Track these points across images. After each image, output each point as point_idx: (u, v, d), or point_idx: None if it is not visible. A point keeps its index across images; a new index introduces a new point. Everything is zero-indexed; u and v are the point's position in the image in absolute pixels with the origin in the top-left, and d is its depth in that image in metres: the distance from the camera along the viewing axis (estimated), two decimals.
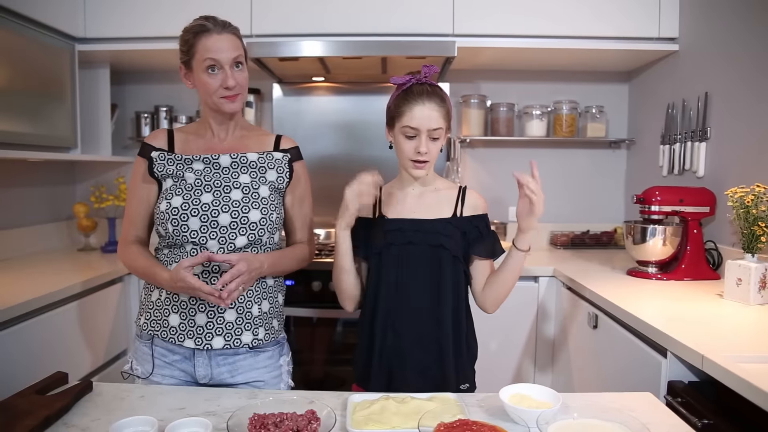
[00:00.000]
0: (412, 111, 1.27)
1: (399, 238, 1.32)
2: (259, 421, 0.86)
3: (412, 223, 1.33)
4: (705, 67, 2.17)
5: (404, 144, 1.30)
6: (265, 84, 2.84)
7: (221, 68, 1.30)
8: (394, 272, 1.32)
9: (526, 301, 2.28)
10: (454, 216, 1.35)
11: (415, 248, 1.31)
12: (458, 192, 1.39)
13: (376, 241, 1.33)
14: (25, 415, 0.97)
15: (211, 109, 1.36)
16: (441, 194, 1.39)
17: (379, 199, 1.39)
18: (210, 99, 1.32)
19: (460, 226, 1.34)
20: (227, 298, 1.18)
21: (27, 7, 2.03)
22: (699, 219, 2.01)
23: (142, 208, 1.38)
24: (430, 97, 1.28)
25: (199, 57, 1.29)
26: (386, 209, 1.38)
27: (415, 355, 1.30)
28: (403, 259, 1.31)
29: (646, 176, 2.62)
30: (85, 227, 2.60)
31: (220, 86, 1.30)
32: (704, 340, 1.26)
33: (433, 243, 1.31)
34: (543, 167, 2.84)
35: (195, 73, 1.32)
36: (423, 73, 1.32)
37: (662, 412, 1.06)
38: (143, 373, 1.34)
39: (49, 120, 2.19)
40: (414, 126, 1.28)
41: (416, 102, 1.27)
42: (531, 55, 2.55)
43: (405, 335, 1.31)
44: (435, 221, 1.33)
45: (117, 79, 2.75)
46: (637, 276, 2.04)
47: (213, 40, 1.29)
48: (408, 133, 1.29)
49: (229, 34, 1.32)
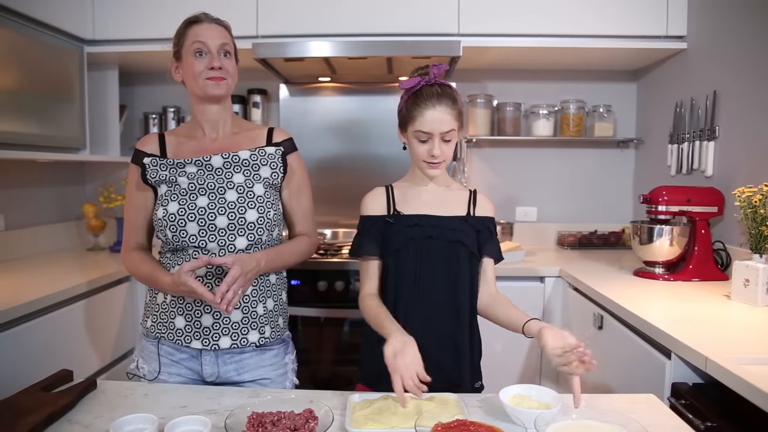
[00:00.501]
0: (423, 116, 1.27)
1: (418, 233, 1.31)
2: (257, 419, 0.87)
3: (428, 219, 1.33)
4: (713, 65, 2.15)
5: (418, 147, 1.30)
6: (271, 84, 2.85)
7: (209, 53, 1.32)
8: (413, 267, 1.31)
9: (532, 302, 2.27)
10: (468, 215, 1.36)
11: (434, 243, 1.31)
12: (470, 194, 1.40)
13: (395, 237, 1.32)
14: (29, 411, 0.99)
15: (197, 96, 1.36)
16: (454, 193, 1.40)
17: (392, 197, 1.39)
18: (196, 83, 1.33)
19: (475, 224, 1.35)
20: (228, 305, 1.17)
21: (37, 9, 2.06)
22: (707, 219, 1.99)
23: (140, 215, 1.39)
24: (440, 100, 1.27)
25: (188, 43, 1.33)
26: (402, 206, 1.37)
27: (433, 352, 1.28)
28: (422, 254, 1.31)
29: (655, 176, 2.59)
30: (94, 227, 2.63)
31: (205, 68, 1.32)
32: (709, 341, 1.25)
33: (451, 238, 1.31)
34: (550, 167, 2.89)
35: (184, 61, 1.34)
36: (432, 73, 1.31)
37: (664, 414, 1.05)
38: (150, 373, 1.34)
39: (58, 121, 2.21)
40: (426, 131, 1.27)
41: (427, 106, 1.27)
42: (537, 55, 2.53)
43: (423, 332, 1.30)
44: (452, 218, 1.34)
45: (126, 80, 2.78)
46: (643, 276, 2.02)
47: (203, 28, 1.33)
48: (421, 138, 1.29)
49: (219, 26, 1.36)
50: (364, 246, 1.36)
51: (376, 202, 1.39)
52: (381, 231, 1.35)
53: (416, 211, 1.35)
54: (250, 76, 2.77)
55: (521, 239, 2.83)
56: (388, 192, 1.40)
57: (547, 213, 2.93)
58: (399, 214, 1.35)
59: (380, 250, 1.35)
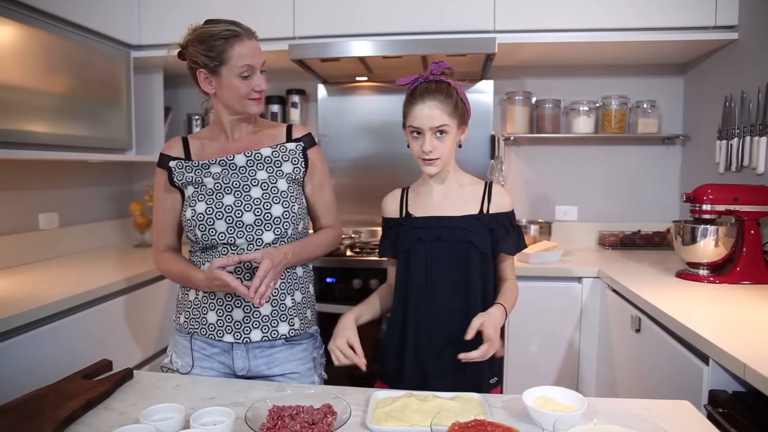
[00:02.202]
0: (413, 111, 1.29)
1: (427, 235, 1.33)
2: (276, 413, 0.89)
3: (438, 220, 1.34)
4: (766, 56, 2.03)
5: (412, 144, 1.33)
6: (310, 85, 2.89)
7: (254, 72, 1.34)
8: (423, 269, 1.33)
9: (569, 302, 2.22)
10: (480, 213, 1.35)
11: (443, 245, 1.32)
12: (484, 188, 1.38)
13: (405, 239, 1.35)
14: (71, 397, 1.05)
15: (236, 111, 1.38)
16: (466, 190, 1.39)
17: (405, 198, 1.40)
18: (238, 102, 1.35)
19: (487, 223, 1.34)
20: (261, 299, 1.21)
21: (87, 18, 2.17)
22: (757, 219, 1.89)
23: (169, 217, 1.43)
24: (431, 95, 1.28)
25: (234, 63, 1.31)
26: (413, 208, 1.39)
27: (448, 352, 1.30)
28: (431, 256, 1.32)
29: (702, 173, 2.48)
30: (140, 224, 2.74)
31: (252, 90, 1.33)
32: (750, 347, 1.19)
33: (461, 239, 1.31)
34: (591, 165, 2.82)
35: (224, 78, 1.32)
36: (430, 69, 1.32)
37: (698, 421, 1.01)
38: (183, 366, 1.39)
39: (106, 123, 2.33)
40: (416, 126, 1.29)
41: (417, 101, 1.28)
42: (577, 50, 2.46)
43: (437, 332, 1.32)
44: (462, 218, 1.34)
45: (170, 82, 2.88)
46: (686, 278, 1.94)
47: (246, 47, 1.32)
48: (413, 134, 1.31)
49: (256, 40, 1.36)
50: (381, 248, 1.42)
51: (390, 204, 1.43)
52: (395, 232, 1.38)
53: (427, 212, 1.37)
54: (289, 76, 2.83)
55: (560, 239, 2.77)
56: (403, 194, 1.43)
57: (588, 212, 2.85)
58: (409, 216, 1.37)
59: (394, 251, 1.38)
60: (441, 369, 1.31)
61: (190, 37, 1.35)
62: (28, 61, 1.90)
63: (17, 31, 1.84)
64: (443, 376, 1.30)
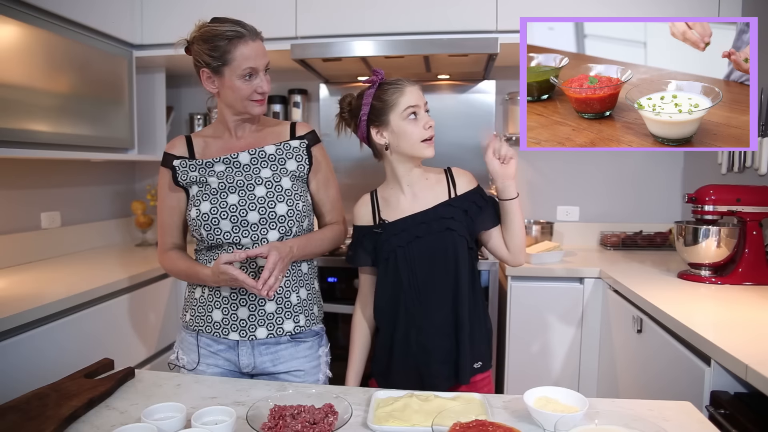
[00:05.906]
0: (404, 95, 1.32)
1: (405, 238, 1.34)
2: (277, 412, 0.89)
3: (413, 219, 1.35)
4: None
5: (410, 129, 1.33)
6: (312, 84, 2.90)
7: (256, 74, 1.33)
8: (408, 273, 1.34)
9: (571, 303, 2.22)
10: (450, 197, 1.37)
11: (423, 241, 1.33)
12: (446, 174, 1.41)
13: (384, 246, 1.36)
14: (72, 396, 1.05)
15: (238, 111, 1.38)
16: (432, 182, 1.40)
17: (376, 204, 1.42)
18: (241, 103, 1.35)
19: (460, 204, 1.36)
20: (270, 290, 1.22)
21: (89, 17, 2.17)
22: (759, 220, 1.88)
23: (174, 216, 1.43)
24: (410, 80, 1.34)
25: (236, 65, 1.30)
26: (386, 213, 1.40)
27: (437, 345, 1.33)
28: (413, 257, 1.33)
29: (704, 174, 2.47)
30: (141, 224, 2.75)
31: (254, 91, 1.33)
32: (752, 348, 1.19)
33: (439, 229, 1.33)
34: (593, 165, 2.80)
35: (226, 79, 1.32)
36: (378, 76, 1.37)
37: (700, 423, 1.01)
38: (189, 363, 1.40)
39: (108, 122, 2.33)
40: (414, 103, 1.31)
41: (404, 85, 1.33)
42: None
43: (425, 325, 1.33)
44: (436, 207, 1.35)
45: (172, 82, 2.89)
46: (688, 279, 1.94)
47: (250, 48, 1.30)
48: (411, 114, 1.32)
49: (260, 41, 1.35)
50: (355, 256, 1.42)
51: (362, 210, 1.44)
52: (371, 241, 1.39)
53: (400, 213, 1.38)
54: (290, 76, 2.83)
55: (562, 239, 2.77)
56: (372, 199, 1.43)
57: (590, 212, 2.84)
58: (385, 223, 1.38)
59: (372, 259, 1.40)
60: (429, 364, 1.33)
61: (195, 34, 1.35)
62: (30, 61, 1.90)
63: (20, 31, 1.85)
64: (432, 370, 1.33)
